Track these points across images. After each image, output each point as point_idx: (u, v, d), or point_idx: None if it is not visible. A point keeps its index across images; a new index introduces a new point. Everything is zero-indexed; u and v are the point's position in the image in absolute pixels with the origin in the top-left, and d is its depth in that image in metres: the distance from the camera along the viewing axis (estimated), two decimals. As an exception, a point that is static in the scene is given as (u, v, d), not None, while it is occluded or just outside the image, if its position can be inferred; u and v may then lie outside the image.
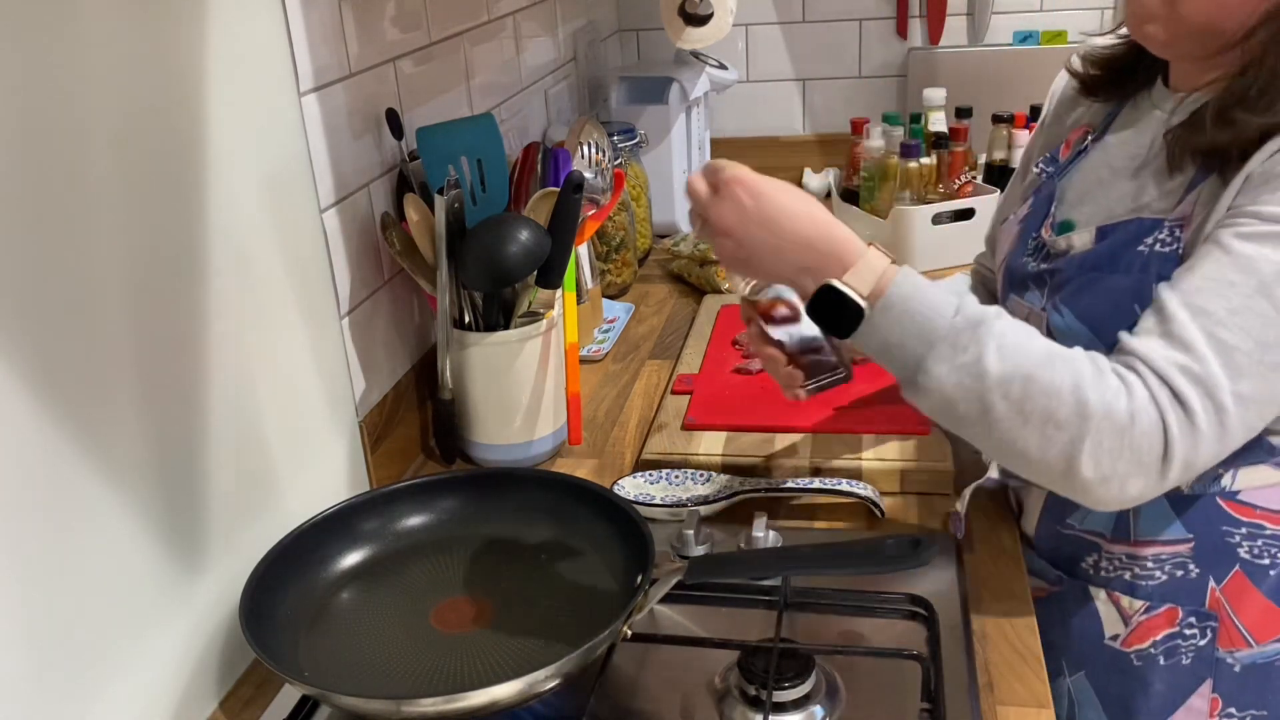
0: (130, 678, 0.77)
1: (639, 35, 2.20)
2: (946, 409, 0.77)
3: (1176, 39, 0.84)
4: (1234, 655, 0.91)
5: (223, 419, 0.87)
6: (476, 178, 1.10)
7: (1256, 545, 0.88)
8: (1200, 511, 0.88)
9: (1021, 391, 0.74)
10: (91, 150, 0.71)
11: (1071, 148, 1.00)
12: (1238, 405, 0.73)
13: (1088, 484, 0.74)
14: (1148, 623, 0.92)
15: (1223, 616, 0.90)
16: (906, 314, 0.77)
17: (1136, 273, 0.83)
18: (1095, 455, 0.73)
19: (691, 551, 0.97)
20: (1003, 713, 0.80)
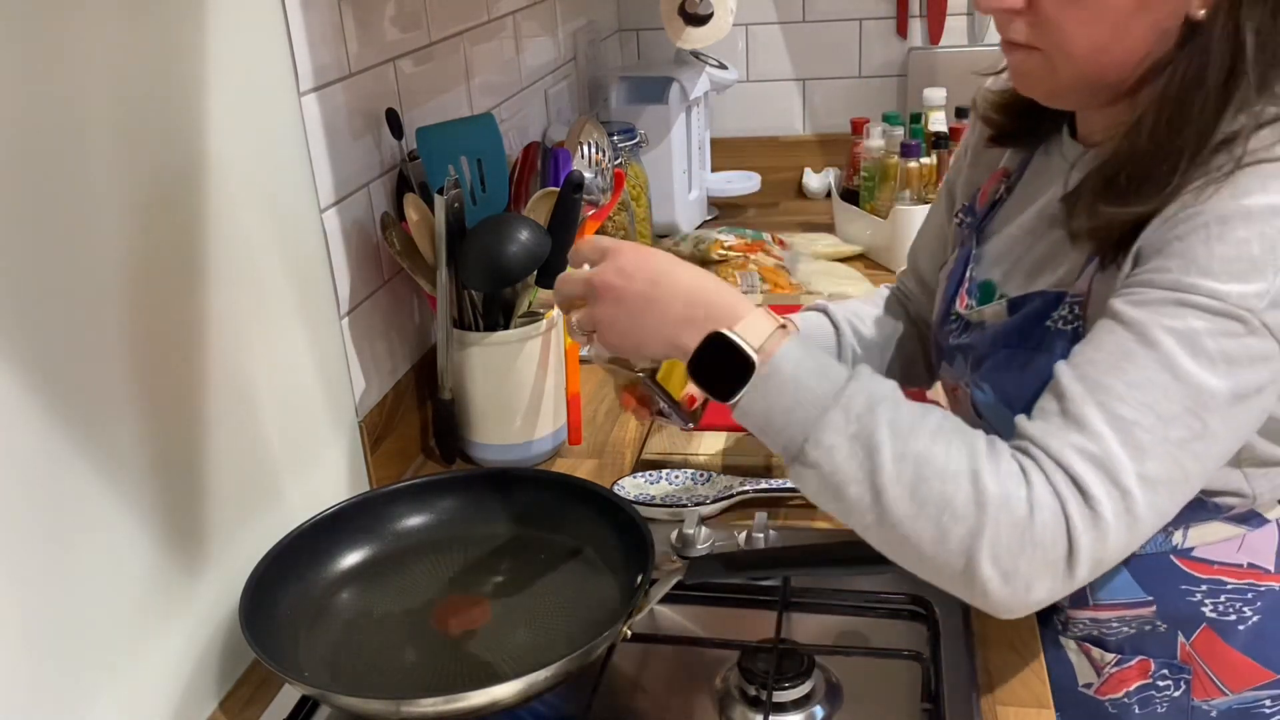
0: (130, 678, 0.77)
1: (639, 35, 2.19)
2: (835, 490, 0.68)
3: (1059, 91, 0.80)
4: (1210, 704, 0.89)
5: (223, 419, 0.87)
6: (476, 178, 1.10)
7: (1220, 602, 0.85)
8: (1156, 572, 0.86)
9: (915, 474, 0.66)
10: (91, 150, 0.71)
11: (987, 197, 0.94)
12: (1145, 489, 0.65)
13: (988, 584, 0.65)
14: (1120, 674, 0.90)
15: (1196, 669, 0.88)
16: (799, 375, 0.69)
17: (1044, 351, 0.79)
18: (994, 551, 0.64)
19: (691, 551, 0.97)
20: (1003, 713, 0.80)
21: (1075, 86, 0.78)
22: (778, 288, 1.59)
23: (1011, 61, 0.80)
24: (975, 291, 0.91)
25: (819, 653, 0.83)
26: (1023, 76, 0.80)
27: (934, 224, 1.08)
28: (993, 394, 0.85)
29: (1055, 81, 0.78)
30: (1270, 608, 0.86)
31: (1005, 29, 0.78)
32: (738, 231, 1.68)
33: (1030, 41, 0.76)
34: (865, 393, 0.69)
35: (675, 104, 1.81)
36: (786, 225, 1.93)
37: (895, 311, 1.09)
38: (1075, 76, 0.77)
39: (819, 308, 1.06)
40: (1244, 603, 0.86)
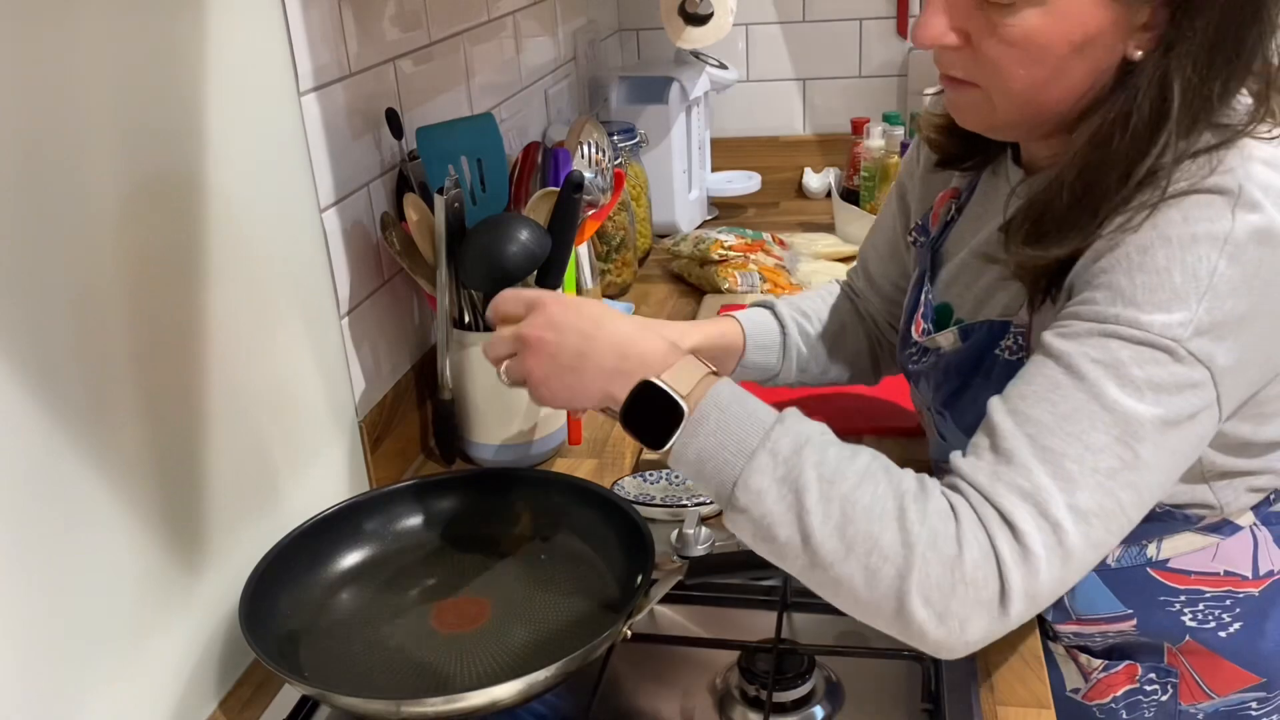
0: (130, 678, 0.77)
1: (639, 35, 2.20)
2: (766, 534, 0.68)
3: (997, 126, 0.80)
4: (1197, 707, 0.90)
5: (222, 419, 0.87)
6: (476, 178, 1.10)
7: (1199, 611, 0.86)
8: (1134, 584, 0.86)
9: (842, 514, 0.65)
10: (91, 150, 0.71)
11: (939, 218, 0.94)
12: (1076, 521, 0.64)
13: (924, 625, 0.64)
14: (1107, 679, 0.90)
15: (1182, 673, 0.89)
16: (726, 421, 0.69)
17: (994, 381, 0.80)
18: (925, 591, 0.64)
19: (691, 551, 0.97)
20: (1003, 713, 0.80)
21: (1013, 122, 0.79)
22: (778, 288, 1.59)
23: (949, 97, 0.80)
24: (931, 315, 0.91)
25: (819, 653, 0.83)
26: (960, 111, 0.80)
27: (884, 226, 1.08)
28: (952, 422, 0.86)
29: (993, 117, 0.78)
30: (1250, 613, 0.86)
31: (943, 64, 0.78)
32: (738, 231, 1.68)
33: (968, 77, 0.76)
34: (792, 435, 0.68)
35: (675, 104, 1.81)
36: (786, 225, 1.93)
37: (844, 309, 1.09)
38: (1013, 113, 0.77)
39: (766, 304, 1.06)
40: (1223, 610, 0.86)
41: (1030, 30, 0.70)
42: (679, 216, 1.87)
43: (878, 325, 1.09)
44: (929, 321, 0.91)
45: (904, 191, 1.04)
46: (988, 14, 0.71)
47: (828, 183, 2.09)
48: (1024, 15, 0.70)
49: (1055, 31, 0.70)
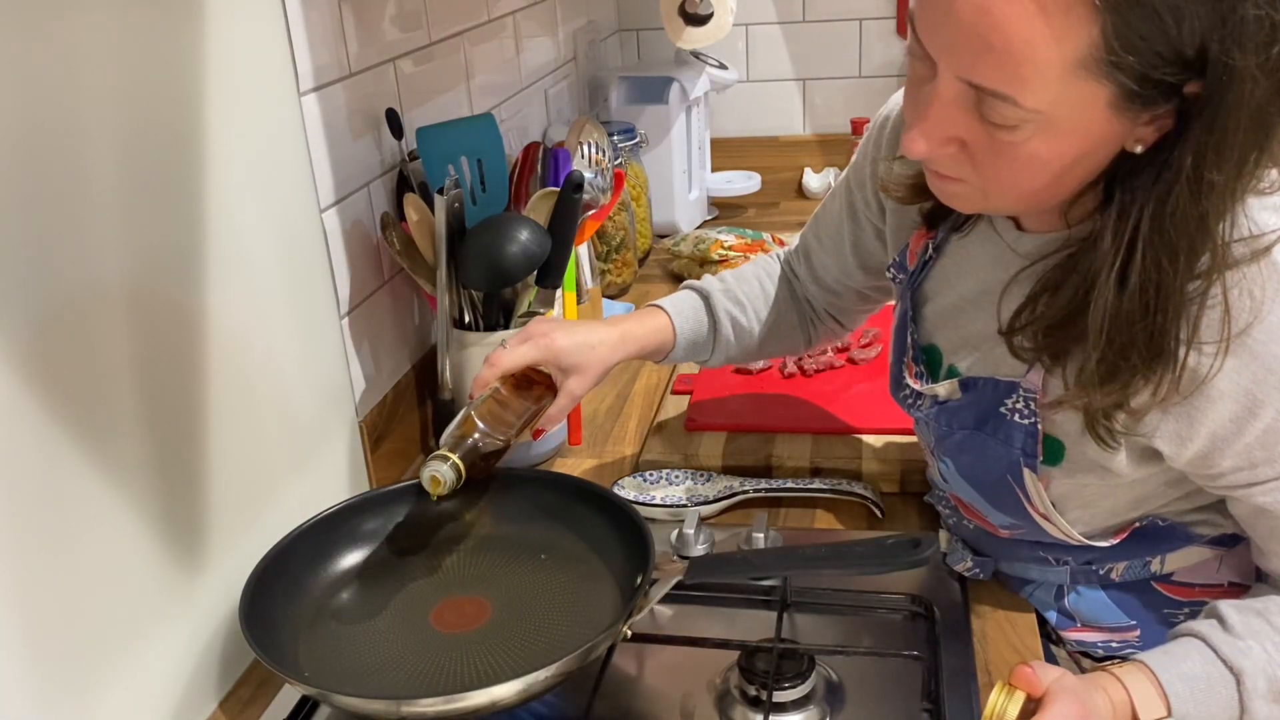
0: (130, 678, 0.77)
1: (639, 35, 2.19)
2: None
3: (990, 210, 0.79)
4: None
5: (223, 419, 0.87)
6: (476, 178, 1.10)
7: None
8: (1138, 598, 0.87)
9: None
10: (91, 150, 0.71)
11: (916, 257, 0.90)
12: None
13: None
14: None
15: None
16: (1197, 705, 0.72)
17: (1002, 442, 0.80)
18: None
19: (691, 551, 0.97)
20: (1003, 713, 0.80)
21: (1006, 209, 0.77)
22: (778, 288, 1.58)
23: (936, 185, 0.76)
24: (921, 357, 0.90)
25: (819, 653, 0.83)
26: (950, 199, 0.76)
27: (831, 219, 1.02)
28: (955, 470, 0.85)
29: (985, 204, 0.75)
30: None
31: (931, 164, 0.73)
32: (738, 231, 1.68)
33: (961, 177, 0.72)
34: (1262, 674, 0.72)
35: (675, 104, 1.81)
36: (786, 225, 1.93)
37: (781, 295, 1.07)
38: (1006, 205, 0.75)
39: (701, 291, 1.04)
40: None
41: (1033, 149, 0.66)
42: (679, 216, 1.87)
43: (814, 309, 1.08)
44: (920, 365, 0.89)
45: (861, 182, 0.97)
46: (988, 130, 0.66)
47: (827, 183, 2.09)
48: (1027, 135, 0.65)
49: (1058, 149, 0.66)
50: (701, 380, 1.28)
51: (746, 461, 1.11)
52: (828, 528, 1.03)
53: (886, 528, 1.02)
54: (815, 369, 1.27)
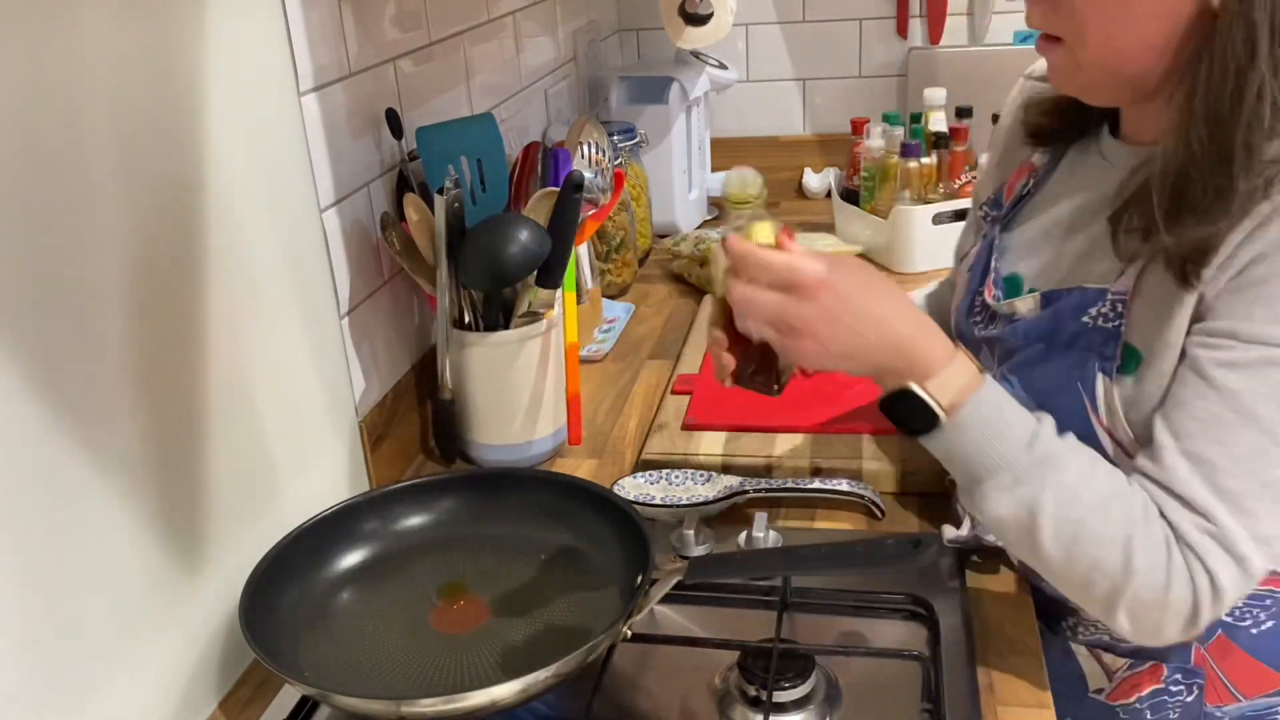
0: (130, 678, 0.77)
1: (639, 35, 2.19)
2: (996, 528, 0.78)
3: (1088, 86, 0.81)
4: (1223, 710, 0.90)
5: (222, 419, 0.87)
6: (476, 178, 1.10)
7: (1239, 608, 0.86)
8: None
9: (1071, 536, 0.73)
10: (91, 150, 0.71)
11: (1014, 192, 0.95)
12: (1259, 547, 0.71)
13: (1124, 628, 0.74)
14: (1133, 679, 0.90)
15: (1209, 673, 0.88)
16: (979, 435, 0.75)
17: (1079, 348, 0.81)
18: (1132, 609, 0.73)
19: (691, 551, 0.97)
20: (1003, 713, 0.80)
21: (1100, 80, 0.80)
22: (778, 288, 1.58)
23: (1044, 54, 0.82)
24: (1001, 284, 0.91)
25: (819, 653, 0.83)
26: (1054, 71, 0.82)
27: (962, 239, 1.11)
28: (1020, 388, 0.85)
29: (1080, 74, 0.79)
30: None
31: (1031, 20, 0.80)
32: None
33: (1049, 29, 0.78)
34: (1039, 459, 0.74)
35: (675, 104, 1.81)
36: (786, 225, 1.93)
37: (942, 307, 1.11)
38: (1096, 68, 0.78)
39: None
40: (1260, 608, 0.86)
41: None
42: (679, 216, 1.87)
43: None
44: (999, 289, 0.91)
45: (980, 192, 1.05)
46: None
47: (828, 183, 2.08)
48: None
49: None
50: (701, 380, 1.28)
51: (746, 461, 1.11)
52: (828, 528, 1.03)
53: (886, 528, 1.02)
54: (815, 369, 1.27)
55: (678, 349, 1.42)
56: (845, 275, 0.76)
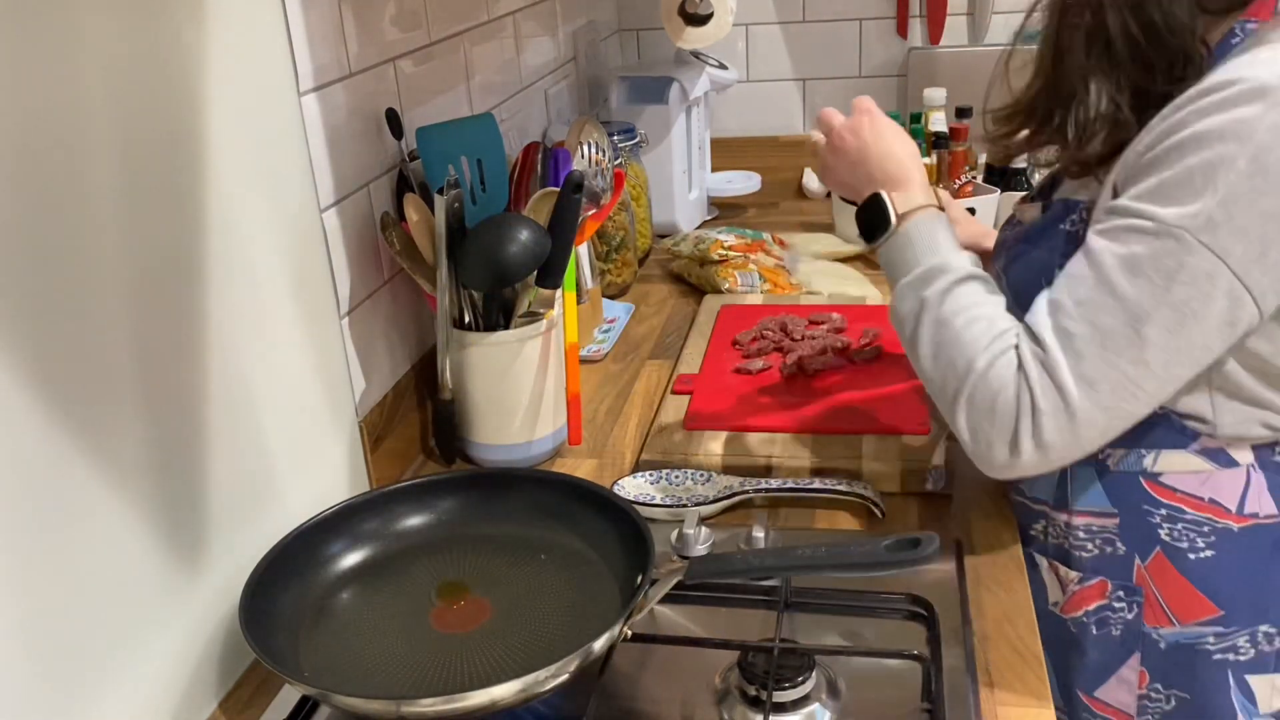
0: (130, 678, 0.77)
1: (639, 35, 2.20)
2: (897, 324, 0.92)
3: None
4: (1159, 632, 0.94)
5: (223, 419, 0.87)
6: (476, 178, 1.10)
7: (1176, 529, 0.91)
8: (1125, 488, 0.92)
9: (941, 337, 0.87)
10: (91, 150, 0.71)
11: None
12: (1080, 385, 0.80)
13: (963, 433, 0.86)
14: (1082, 592, 0.96)
15: (1148, 593, 0.93)
16: (911, 243, 0.91)
17: (1048, 249, 0.91)
18: (969, 414, 0.85)
19: (691, 551, 0.97)
20: (1003, 713, 0.80)
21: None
22: (778, 288, 1.59)
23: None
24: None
25: (819, 653, 0.83)
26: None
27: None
28: (1007, 283, 0.96)
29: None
30: (1224, 546, 0.90)
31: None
32: (738, 231, 1.68)
33: None
34: (943, 271, 0.89)
35: (675, 104, 1.81)
36: (786, 225, 1.93)
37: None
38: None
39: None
40: (1199, 535, 0.91)
41: None
42: (679, 216, 1.87)
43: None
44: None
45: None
46: None
47: (828, 183, 2.08)
48: None
49: None
50: (701, 380, 1.28)
51: (746, 461, 1.11)
52: (828, 528, 1.03)
53: (886, 528, 1.02)
54: (815, 369, 1.27)
55: (678, 349, 1.42)
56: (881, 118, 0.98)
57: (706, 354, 1.35)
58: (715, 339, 1.39)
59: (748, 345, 1.35)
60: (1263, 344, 0.82)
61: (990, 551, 0.98)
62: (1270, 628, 0.92)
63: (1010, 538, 1.00)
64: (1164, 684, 0.96)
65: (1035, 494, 0.99)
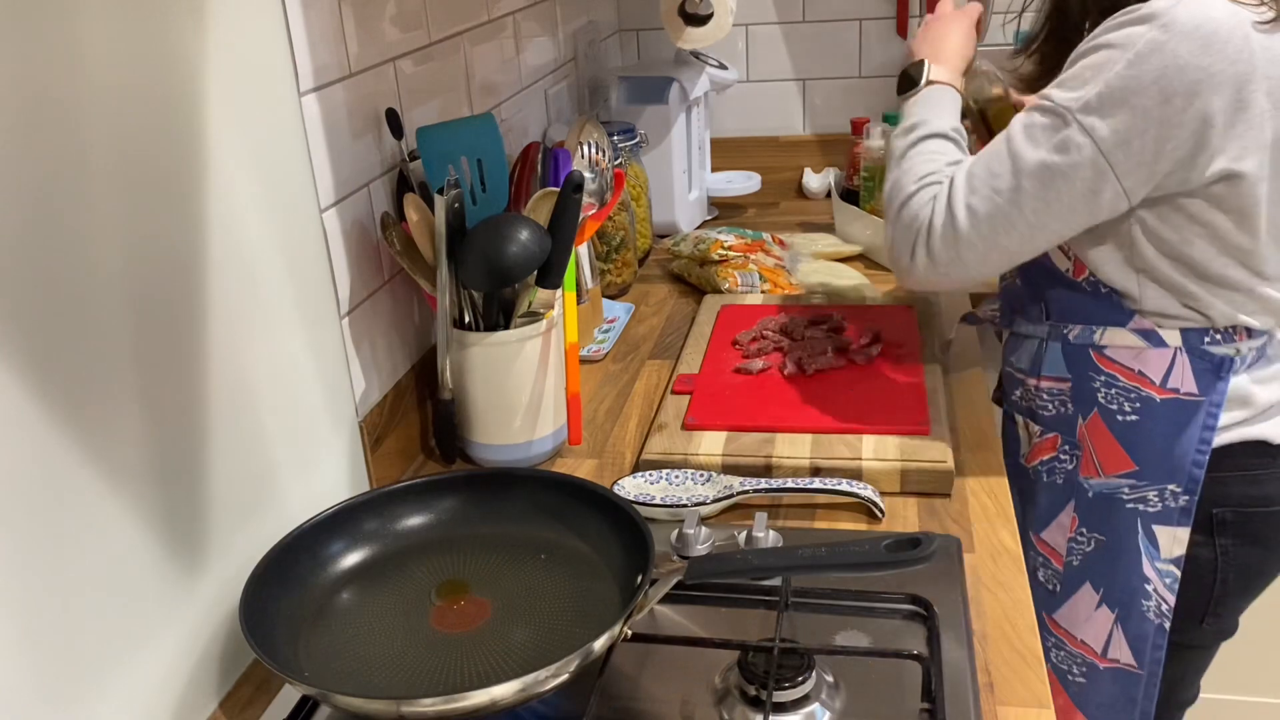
0: (130, 678, 0.77)
1: (639, 35, 2.20)
2: (889, 154, 1.17)
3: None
4: (1089, 482, 1.14)
5: (223, 419, 0.87)
6: (476, 178, 1.10)
7: (1110, 393, 1.11)
8: (1078, 358, 1.13)
9: (902, 166, 1.12)
10: (91, 150, 0.71)
11: None
12: (967, 213, 1.04)
13: (887, 239, 1.12)
14: (1039, 445, 1.19)
15: (1085, 448, 1.14)
16: (923, 101, 1.17)
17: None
18: (895, 220, 1.11)
19: (691, 551, 0.97)
20: (1003, 713, 0.80)
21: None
22: (777, 287, 1.59)
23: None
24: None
25: (819, 653, 0.83)
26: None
27: None
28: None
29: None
30: (1146, 412, 1.09)
31: None
32: (738, 231, 1.68)
33: None
34: (929, 125, 1.14)
35: (675, 104, 1.81)
36: (786, 225, 1.93)
37: None
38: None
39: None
40: (1127, 400, 1.10)
41: None
42: (679, 216, 1.87)
43: None
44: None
45: None
46: None
47: (828, 183, 2.09)
48: None
49: None
50: (701, 380, 1.28)
51: (746, 461, 1.11)
52: (828, 528, 1.03)
53: (886, 528, 1.02)
54: (815, 369, 1.27)
55: (678, 349, 1.42)
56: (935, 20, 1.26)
57: (706, 354, 1.35)
58: (715, 339, 1.39)
59: (748, 345, 1.35)
60: (1168, 232, 1.02)
61: (990, 551, 0.98)
62: (1177, 488, 1.09)
63: (1010, 538, 1.00)
64: (1088, 528, 1.15)
65: (1019, 365, 1.21)
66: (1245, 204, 0.98)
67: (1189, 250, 1.02)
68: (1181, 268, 1.03)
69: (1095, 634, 1.17)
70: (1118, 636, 1.16)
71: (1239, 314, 1.05)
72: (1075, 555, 1.17)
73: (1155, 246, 1.03)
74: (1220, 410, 1.07)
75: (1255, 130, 0.95)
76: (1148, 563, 1.12)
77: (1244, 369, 1.08)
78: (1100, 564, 1.15)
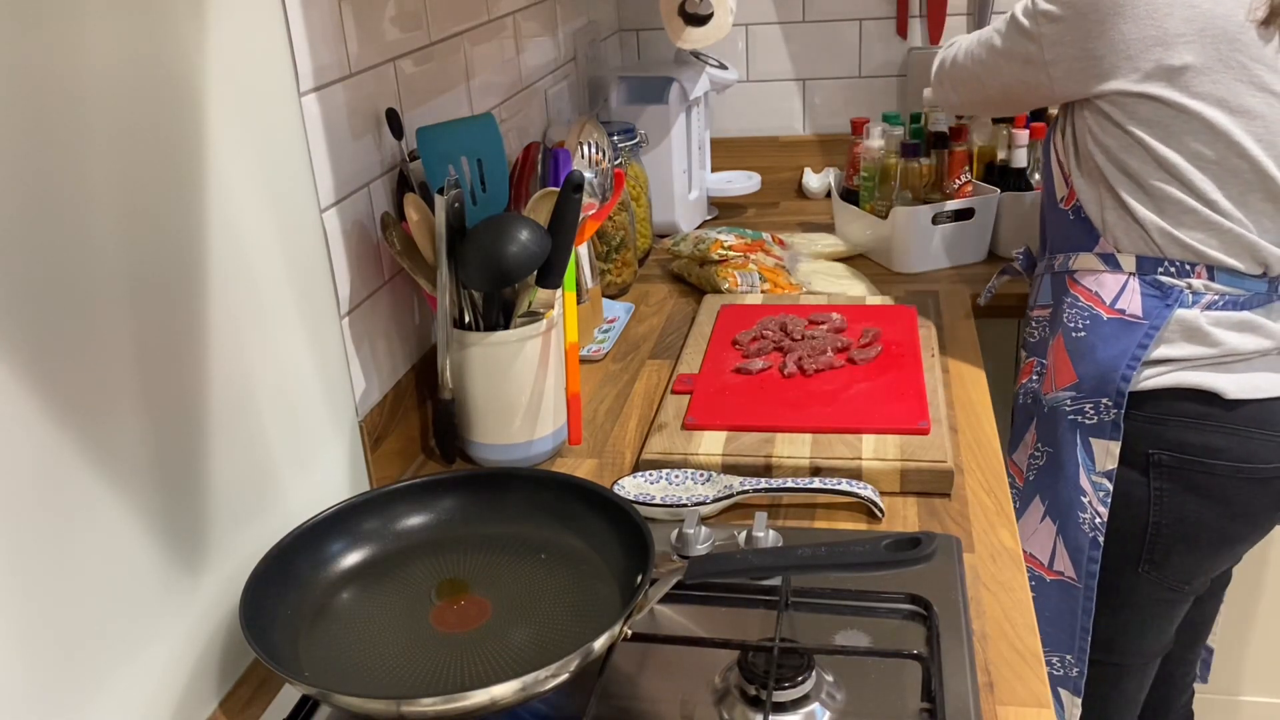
0: (130, 677, 0.77)
1: (639, 35, 2.20)
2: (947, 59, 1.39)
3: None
4: (1045, 398, 1.25)
5: (223, 419, 0.87)
6: (476, 178, 1.10)
7: (1070, 312, 1.23)
8: (1057, 285, 1.27)
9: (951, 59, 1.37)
10: (91, 150, 0.71)
11: None
12: (951, 60, 1.35)
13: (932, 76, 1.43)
14: (1023, 370, 1.33)
15: (1048, 367, 1.25)
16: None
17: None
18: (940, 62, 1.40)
19: (691, 551, 0.97)
20: (1003, 713, 0.80)
21: None
22: (777, 288, 1.59)
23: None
24: None
25: (819, 652, 0.83)
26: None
27: None
28: None
29: None
30: (1093, 328, 1.20)
31: None
32: (738, 231, 1.68)
33: None
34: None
35: (675, 104, 1.81)
36: (786, 225, 1.93)
37: None
38: None
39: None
40: (1080, 317, 1.21)
41: None
42: (679, 216, 1.87)
43: None
44: None
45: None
46: None
47: (828, 183, 2.09)
48: None
49: None
50: (701, 380, 1.28)
51: (746, 461, 1.11)
52: (828, 528, 1.03)
53: (886, 528, 1.02)
54: (815, 369, 1.27)
55: (677, 349, 1.42)
56: None
57: (706, 354, 1.35)
58: (715, 339, 1.39)
59: (748, 345, 1.35)
60: (1108, 140, 1.16)
61: (990, 551, 0.98)
62: (1109, 402, 1.18)
63: (1010, 538, 1.00)
64: (1042, 443, 1.25)
65: (1030, 303, 1.35)
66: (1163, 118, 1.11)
67: (1127, 159, 1.15)
68: (1126, 182, 1.16)
69: (1041, 546, 1.26)
70: (1060, 548, 1.23)
71: (1204, 249, 1.13)
72: (1032, 470, 1.27)
73: (1117, 165, 1.16)
74: (1157, 333, 1.15)
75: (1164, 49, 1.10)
76: (1084, 474, 1.20)
77: (1198, 306, 1.14)
78: (1048, 476, 1.24)
